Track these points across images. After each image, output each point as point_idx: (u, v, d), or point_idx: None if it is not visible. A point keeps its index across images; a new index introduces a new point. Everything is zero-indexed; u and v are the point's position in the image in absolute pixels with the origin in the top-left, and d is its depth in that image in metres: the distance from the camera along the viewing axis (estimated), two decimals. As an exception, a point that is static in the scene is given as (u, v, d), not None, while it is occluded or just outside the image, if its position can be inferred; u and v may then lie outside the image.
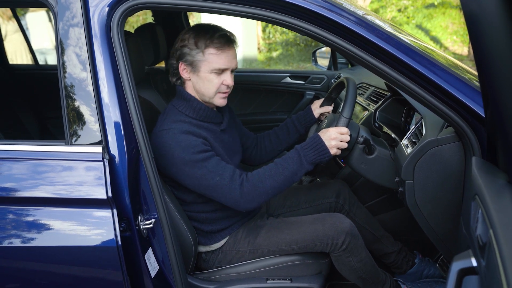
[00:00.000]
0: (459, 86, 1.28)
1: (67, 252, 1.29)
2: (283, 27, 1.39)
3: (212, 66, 1.53)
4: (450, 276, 0.99)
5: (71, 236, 1.28)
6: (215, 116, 1.64)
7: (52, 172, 1.29)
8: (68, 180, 1.28)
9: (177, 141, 1.48)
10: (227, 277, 1.68)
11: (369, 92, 2.37)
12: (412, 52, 1.29)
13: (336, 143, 1.55)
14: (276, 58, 10.05)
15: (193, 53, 1.53)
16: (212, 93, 1.57)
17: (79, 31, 1.30)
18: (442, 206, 1.46)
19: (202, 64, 1.53)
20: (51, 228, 1.28)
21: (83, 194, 1.27)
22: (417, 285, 1.87)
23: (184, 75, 1.58)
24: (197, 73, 1.55)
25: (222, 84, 1.56)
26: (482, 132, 1.29)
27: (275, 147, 1.96)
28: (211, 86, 1.55)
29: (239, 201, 1.49)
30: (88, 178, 1.27)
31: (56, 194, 1.28)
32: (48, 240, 1.28)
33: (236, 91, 3.06)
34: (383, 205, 2.18)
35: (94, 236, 1.28)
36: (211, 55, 1.52)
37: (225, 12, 1.32)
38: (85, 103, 1.31)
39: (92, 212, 1.28)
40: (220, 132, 1.65)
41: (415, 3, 10.83)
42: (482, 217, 0.96)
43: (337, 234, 1.60)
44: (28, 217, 1.29)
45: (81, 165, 1.29)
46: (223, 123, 1.68)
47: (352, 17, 1.30)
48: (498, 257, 0.76)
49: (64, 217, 1.29)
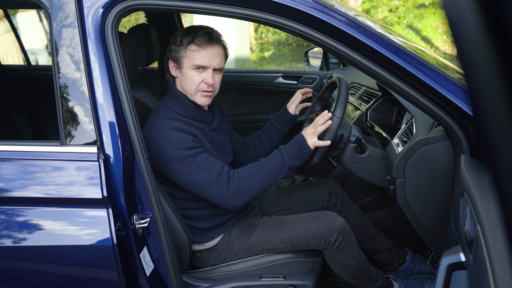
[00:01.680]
0: (448, 86, 1.31)
1: (63, 251, 1.30)
2: (274, 28, 1.41)
3: (192, 62, 1.55)
4: (439, 271, 1.01)
5: (67, 236, 1.29)
6: (205, 115, 1.66)
7: (48, 172, 1.30)
8: (63, 180, 1.29)
9: (167, 137, 1.50)
10: (221, 275, 1.69)
11: (361, 92, 2.39)
12: (403, 52, 1.32)
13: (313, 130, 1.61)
14: (269, 58, 10.07)
15: (178, 49, 1.57)
16: (192, 90, 1.58)
17: (73, 32, 1.31)
18: (432, 203, 1.49)
19: (184, 60, 1.56)
20: (47, 228, 1.29)
21: (79, 194, 1.28)
22: (409, 282, 1.90)
23: (172, 72, 1.62)
24: (181, 69, 1.58)
25: (202, 82, 1.57)
26: (470, 131, 1.32)
27: (260, 151, 1.97)
28: (191, 83, 1.57)
29: (225, 197, 1.51)
30: (84, 178, 1.28)
31: (52, 194, 1.29)
32: (44, 240, 1.29)
33: (229, 91, 3.08)
34: (375, 204, 2.21)
35: (89, 235, 1.29)
36: (192, 52, 1.55)
37: (217, 13, 1.33)
38: (80, 104, 1.32)
39: (88, 212, 1.29)
40: (210, 131, 1.67)
41: (406, 3, 10.91)
42: (470, 213, 0.99)
43: (330, 232, 1.62)
44: (23, 217, 1.30)
45: (76, 165, 1.30)
46: (214, 123, 1.69)
47: (343, 18, 1.32)
48: (485, 252, 0.78)
49: (59, 217, 1.30)
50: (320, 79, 3.07)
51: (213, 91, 1.61)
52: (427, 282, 1.90)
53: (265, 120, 3.21)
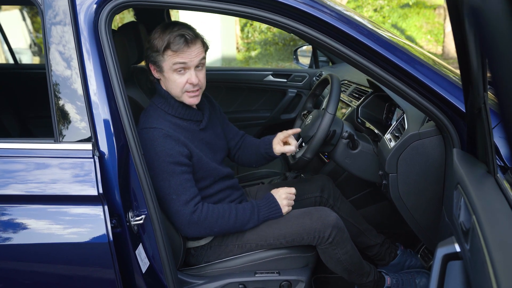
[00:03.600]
0: (438, 81, 1.33)
1: (58, 249, 1.29)
2: (267, 25, 1.42)
3: (172, 67, 1.52)
4: (435, 261, 1.03)
5: (63, 233, 1.28)
6: (194, 114, 1.65)
7: (42, 169, 1.28)
8: (58, 177, 1.27)
9: (153, 145, 1.51)
10: (216, 272, 1.70)
11: (351, 89, 2.42)
12: (393, 48, 1.34)
13: (287, 202, 1.68)
14: (255, 58, 10.09)
15: (154, 55, 1.53)
16: (178, 93, 1.57)
17: (66, 28, 1.30)
18: (425, 197, 1.51)
19: (163, 65, 1.54)
20: (41, 226, 1.28)
21: (74, 191, 1.27)
22: (400, 276, 1.92)
23: (155, 74, 1.60)
24: (163, 73, 1.56)
25: (187, 83, 1.55)
26: (461, 125, 1.34)
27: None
28: (175, 86, 1.55)
29: (182, 226, 1.54)
30: (79, 175, 1.27)
31: (46, 191, 1.27)
32: (39, 238, 1.28)
33: (218, 90, 3.08)
34: (366, 199, 2.24)
35: (85, 232, 1.28)
36: (169, 57, 1.51)
37: (208, 10, 1.33)
38: (73, 100, 1.31)
39: (83, 209, 1.28)
40: (199, 131, 1.66)
41: (391, 3, 11.05)
42: (465, 204, 1.01)
43: (323, 227, 1.63)
44: (18, 215, 1.29)
45: (71, 162, 1.29)
46: (203, 122, 1.68)
47: (334, 13, 1.33)
48: (482, 240, 0.80)
49: (55, 214, 1.29)
50: (309, 77, 3.09)
51: (200, 89, 1.59)
52: (418, 276, 1.93)
53: (255, 118, 3.25)
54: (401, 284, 1.88)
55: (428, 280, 1.91)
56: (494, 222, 0.84)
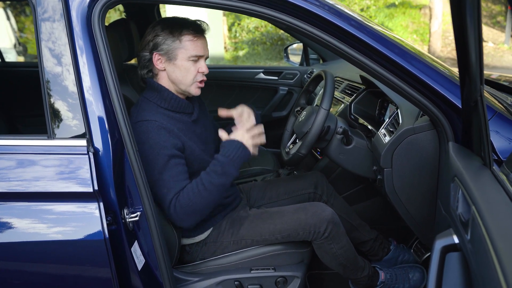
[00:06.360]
0: (432, 75, 1.34)
1: (54, 246, 1.26)
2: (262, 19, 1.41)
3: (189, 53, 1.54)
4: (434, 253, 1.04)
5: (58, 231, 1.26)
6: (186, 106, 1.64)
7: (36, 166, 1.26)
8: (52, 174, 1.25)
9: (147, 137, 1.49)
10: (211, 269, 1.69)
11: (344, 85, 2.43)
12: (386, 42, 1.34)
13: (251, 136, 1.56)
14: (243, 57, 10.09)
15: (169, 41, 1.53)
16: (189, 82, 1.57)
17: (58, 24, 1.27)
18: (419, 191, 1.52)
19: (179, 52, 1.54)
20: (35, 223, 1.25)
21: (69, 187, 1.25)
22: (393, 271, 1.94)
23: (158, 65, 1.57)
24: (174, 61, 1.55)
25: (198, 72, 1.57)
26: (455, 120, 1.35)
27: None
28: (189, 74, 1.56)
29: (178, 219, 1.50)
30: (73, 172, 1.25)
31: (41, 188, 1.25)
32: (35, 235, 1.25)
33: (210, 88, 3.06)
34: (359, 195, 2.25)
35: (80, 230, 1.26)
36: (188, 42, 1.53)
37: (201, 4, 1.32)
38: (67, 96, 1.28)
39: (79, 206, 1.26)
40: (191, 123, 1.66)
41: (377, 3, 11.14)
42: (463, 196, 1.02)
43: (319, 223, 1.64)
44: (11, 213, 1.26)
45: (65, 159, 1.27)
46: (194, 114, 1.68)
47: (327, 7, 1.33)
48: (484, 230, 0.81)
49: (50, 212, 1.27)
50: (300, 75, 3.10)
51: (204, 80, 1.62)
52: (411, 270, 1.94)
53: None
54: (395, 279, 1.90)
55: (421, 275, 1.94)
56: (495, 212, 0.85)
